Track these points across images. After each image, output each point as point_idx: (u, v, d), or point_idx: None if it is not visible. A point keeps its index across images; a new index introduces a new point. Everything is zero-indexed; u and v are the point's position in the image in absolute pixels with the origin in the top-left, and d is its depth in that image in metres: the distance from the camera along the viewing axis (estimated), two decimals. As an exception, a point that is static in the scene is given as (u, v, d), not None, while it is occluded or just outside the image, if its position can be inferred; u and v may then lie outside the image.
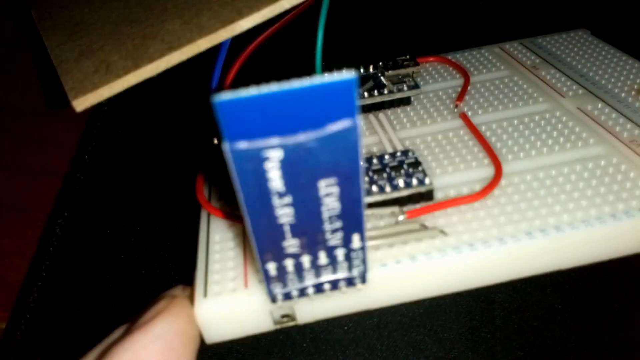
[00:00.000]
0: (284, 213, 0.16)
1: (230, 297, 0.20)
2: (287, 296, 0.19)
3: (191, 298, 0.20)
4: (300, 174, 0.15)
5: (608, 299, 0.27)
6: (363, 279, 0.19)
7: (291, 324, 0.21)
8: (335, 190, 0.16)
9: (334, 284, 0.19)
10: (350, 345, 0.27)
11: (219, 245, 0.22)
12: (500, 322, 0.26)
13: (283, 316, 0.21)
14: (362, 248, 0.18)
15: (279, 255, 0.17)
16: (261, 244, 0.17)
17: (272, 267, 0.18)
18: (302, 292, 0.19)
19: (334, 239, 0.17)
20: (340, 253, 0.18)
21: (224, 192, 0.25)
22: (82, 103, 0.23)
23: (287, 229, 0.16)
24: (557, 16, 0.40)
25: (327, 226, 0.17)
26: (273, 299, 0.19)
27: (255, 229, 0.16)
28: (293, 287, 0.19)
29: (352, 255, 0.18)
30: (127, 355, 0.18)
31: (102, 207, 0.32)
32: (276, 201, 0.16)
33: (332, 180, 0.15)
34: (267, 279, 0.18)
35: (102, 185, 0.33)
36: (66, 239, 0.31)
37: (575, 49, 0.33)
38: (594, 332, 0.26)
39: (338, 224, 0.17)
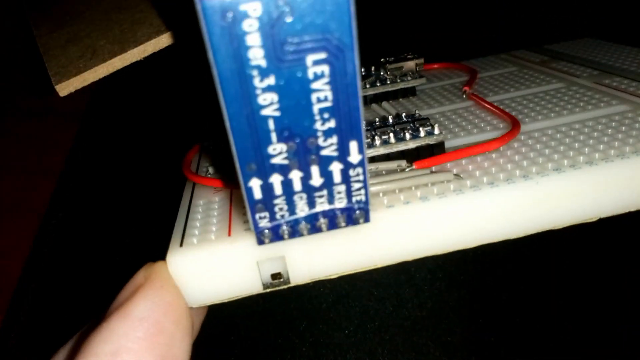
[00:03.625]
0: (268, 100, 0.14)
1: (211, 246, 0.17)
2: (276, 234, 0.16)
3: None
4: (284, 42, 0.13)
5: (614, 302, 0.24)
6: (366, 215, 0.16)
7: (283, 286, 0.18)
8: (326, 70, 0.14)
9: (332, 219, 0.16)
10: (350, 349, 0.24)
11: (202, 207, 0.20)
12: (505, 325, 0.23)
13: (274, 276, 0.17)
14: (362, 164, 0.15)
15: (264, 167, 0.15)
16: (242, 147, 0.14)
17: (256, 184, 0.15)
18: (294, 230, 0.16)
19: (328, 147, 0.15)
20: (336, 169, 0.15)
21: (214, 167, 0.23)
22: (65, 88, 0.22)
23: (271, 126, 0.14)
24: (562, 29, 0.39)
25: (319, 125, 0.14)
26: (260, 238, 0.16)
27: (234, 124, 0.14)
28: (283, 219, 0.16)
29: (350, 174, 0.15)
30: (107, 349, 0.15)
31: (97, 207, 0.31)
32: (257, 82, 0.13)
33: (321, 54, 0.13)
34: (252, 206, 0.15)
35: (97, 186, 0.32)
36: (61, 240, 0.30)
37: (584, 48, 0.32)
38: (604, 333, 0.23)
39: (331, 123, 0.14)
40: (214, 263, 0.17)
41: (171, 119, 0.34)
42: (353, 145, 0.15)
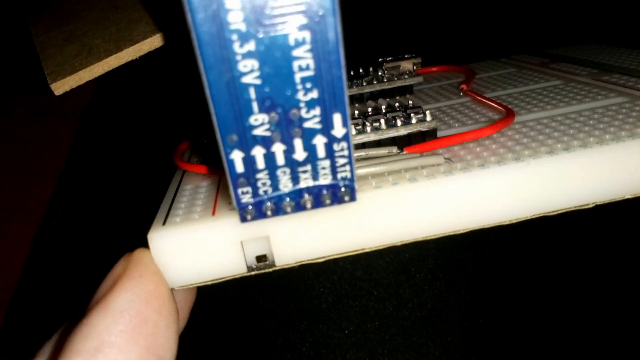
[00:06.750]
0: (248, 67, 0.14)
1: (194, 224, 0.16)
2: (259, 211, 0.16)
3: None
4: (264, 6, 0.13)
5: (615, 302, 0.23)
6: (352, 194, 0.16)
7: (268, 269, 0.17)
8: (307, 36, 0.13)
9: (317, 196, 0.16)
10: (350, 349, 0.23)
11: (188, 192, 0.19)
12: (505, 325, 0.22)
13: (259, 259, 0.17)
14: (346, 138, 0.15)
15: (245, 138, 0.14)
16: (223, 116, 0.14)
17: (238, 157, 0.15)
18: (278, 207, 0.16)
19: (311, 119, 0.14)
20: (319, 143, 0.15)
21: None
22: (60, 86, 0.22)
23: (252, 95, 0.14)
24: (565, 34, 0.39)
25: (301, 95, 0.14)
26: (242, 215, 0.16)
27: (215, 92, 0.14)
28: (266, 195, 0.15)
29: (334, 148, 0.15)
30: (90, 345, 0.14)
31: (97, 208, 0.31)
32: (237, 47, 0.13)
33: (302, 19, 0.13)
34: (234, 180, 0.15)
35: (97, 186, 0.32)
36: (61, 240, 0.30)
37: (586, 51, 0.31)
38: (604, 333, 0.22)
39: (314, 93, 0.14)
40: (196, 241, 0.16)
41: (171, 118, 0.34)
42: (337, 118, 0.15)
